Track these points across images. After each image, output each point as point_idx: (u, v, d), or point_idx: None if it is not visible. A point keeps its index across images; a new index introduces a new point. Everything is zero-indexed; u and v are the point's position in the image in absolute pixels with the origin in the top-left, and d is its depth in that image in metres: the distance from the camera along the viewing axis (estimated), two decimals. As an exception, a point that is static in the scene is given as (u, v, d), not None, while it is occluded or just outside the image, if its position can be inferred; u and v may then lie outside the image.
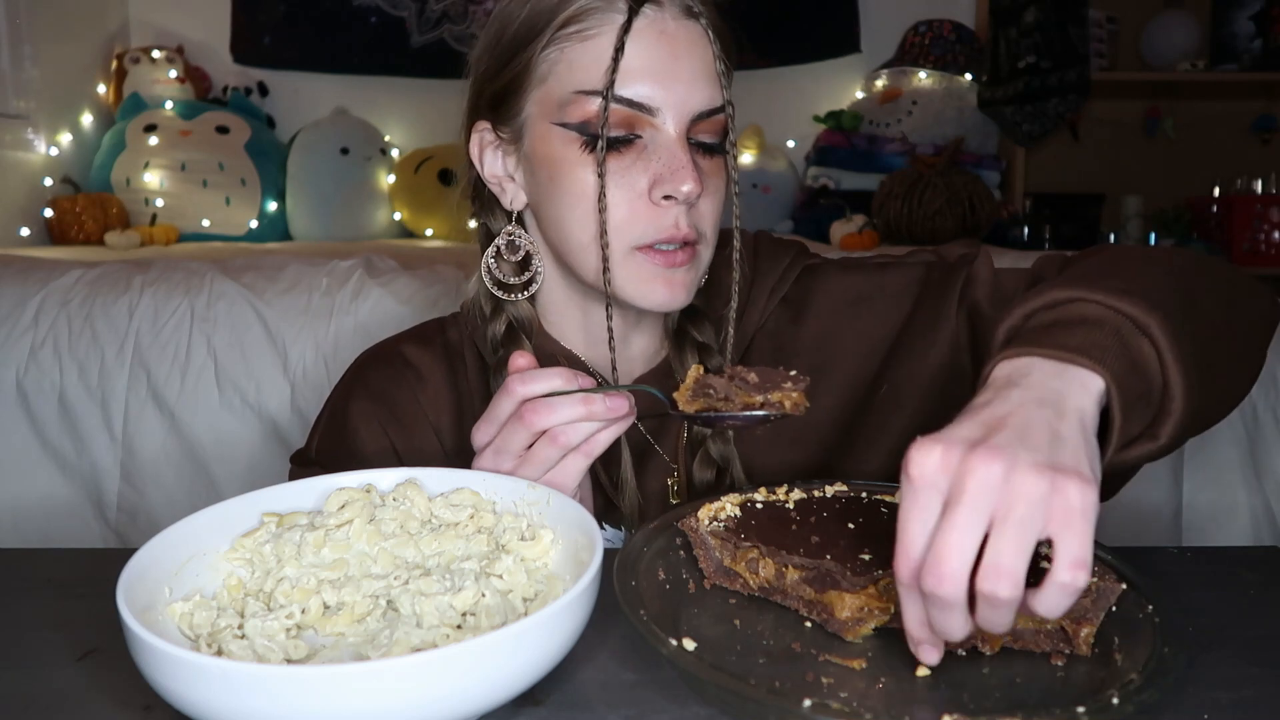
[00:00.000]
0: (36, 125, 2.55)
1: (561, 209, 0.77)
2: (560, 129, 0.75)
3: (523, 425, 0.64)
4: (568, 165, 0.75)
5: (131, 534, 1.34)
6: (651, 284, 0.76)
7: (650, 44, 0.73)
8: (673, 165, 0.73)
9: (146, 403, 1.34)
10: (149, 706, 0.49)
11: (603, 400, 0.63)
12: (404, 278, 1.42)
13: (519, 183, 0.82)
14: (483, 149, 0.84)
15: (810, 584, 0.54)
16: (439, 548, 0.58)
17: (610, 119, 0.73)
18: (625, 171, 0.74)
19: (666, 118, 0.74)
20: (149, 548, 0.53)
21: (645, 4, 0.73)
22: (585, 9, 0.74)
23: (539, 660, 0.46)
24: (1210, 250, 2.81)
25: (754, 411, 0.62)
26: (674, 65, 0.74)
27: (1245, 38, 2.87)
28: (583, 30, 0.74)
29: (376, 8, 2.94)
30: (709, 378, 0.64)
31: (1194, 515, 1.29)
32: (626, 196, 0.74)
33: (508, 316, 0.83)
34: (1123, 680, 0.46)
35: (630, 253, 0.75)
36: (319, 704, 0.41)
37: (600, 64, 0.73)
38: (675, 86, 0.74)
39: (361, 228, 2.71)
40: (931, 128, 2.71)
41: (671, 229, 0.74)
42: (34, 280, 1.40)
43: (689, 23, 0.75)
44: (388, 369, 0.87)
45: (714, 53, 0.75)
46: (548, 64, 0.76)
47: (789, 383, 0.63)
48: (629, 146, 0.74)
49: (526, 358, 0.67)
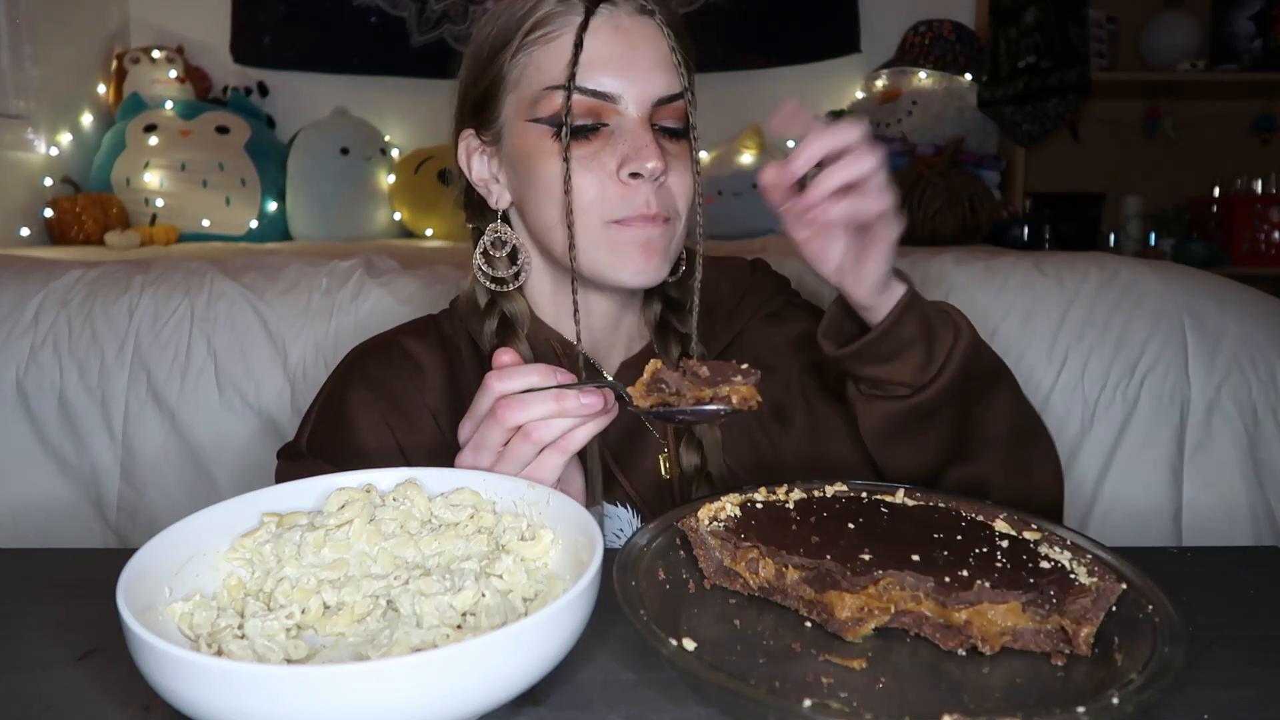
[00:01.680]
0: (36, 125, 2.56)
1: (539, 197, 0.82)
2: (533, 124, 0.81)
3: (497, 421, 0.65)
4: (541, 156, 0.81)
5: (131, 534, 1.34)
6: (627, 254, 0.81)
7: (607, 38, 0.80)
8: (636, 145, 0.79)
9: (146, 403, 1.34)
10: (149, 706, 0.49)
11: (576, 397, 0.65)
12: (404, 278, 1.42)
13: (503, 183, 0.88)
14: (469, 155, 0.89)
15: (810, 584, 0.54)
16: (439, 548, 0.58)
17: (577, 109, 0.79)
18: (595, 156, 0.80)
19: (628, 103, 0.80)
20: (149, 548, 0.53)
21: (601, 4, 0.80)
22: (548, 14, 0.81)
23: (539, 660, 0.46)
24: (1210, 250, 2.81)
25: (704, 406, 0.63)
26: (632, 55, 0.80)
27: (1245, 38, 2.87)
28: (547, 34, 0.81)
29: (376, 8, 2.94)
30: (663, 372, 0.66)
31: (1194, 515, 1.29)
32: (598, 178, 0.80)
33: (501, 310, 0.87)
34: (1123, 680, 0.46)
35: (605, 227, 0.80)
36: (319, 704, 0.41)
37: (564, 61, 0.79)
38: (634, 75, 0.80)
39: (361, 228, 2.71)
40: (931, 128, 2.71)
41: (642, 207, 0.79)
42: (34, 280, 1.40)
43: (643, 19, 0.81)
44: (386, 360, 0.89)
45: (669, 45, 0.81)
46: (519, 68, 0.82)
47: (739, 376, 0.63)
48: (596, 134, 0.80)
49: (510, 354, 0.69)
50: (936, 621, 0.52)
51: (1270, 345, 1.32)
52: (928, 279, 1.39)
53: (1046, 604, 0.51)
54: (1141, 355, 1.31)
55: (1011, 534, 0.58)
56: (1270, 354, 1.31)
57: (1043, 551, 0.56)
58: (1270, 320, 1.35)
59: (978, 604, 0.51)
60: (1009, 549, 0.56)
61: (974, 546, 0.56)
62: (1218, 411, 1.30)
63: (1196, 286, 1.37)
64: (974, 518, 0.61)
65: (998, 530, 0.59)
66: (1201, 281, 1.38)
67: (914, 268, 1.41)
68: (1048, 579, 0.52)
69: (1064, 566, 0.54)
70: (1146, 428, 1.30)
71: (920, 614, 0.53)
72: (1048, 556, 0.55)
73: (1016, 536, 0.58)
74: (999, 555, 0.55)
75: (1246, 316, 1.34)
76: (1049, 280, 1.37)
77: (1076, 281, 1.37)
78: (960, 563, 0.54)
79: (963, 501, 0.63)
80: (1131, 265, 1.40)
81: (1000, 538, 0.57)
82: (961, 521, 0.60)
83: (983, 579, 0.52)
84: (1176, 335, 1.31)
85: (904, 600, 0.53)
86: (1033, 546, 0.56)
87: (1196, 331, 1.32)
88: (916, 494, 0.64)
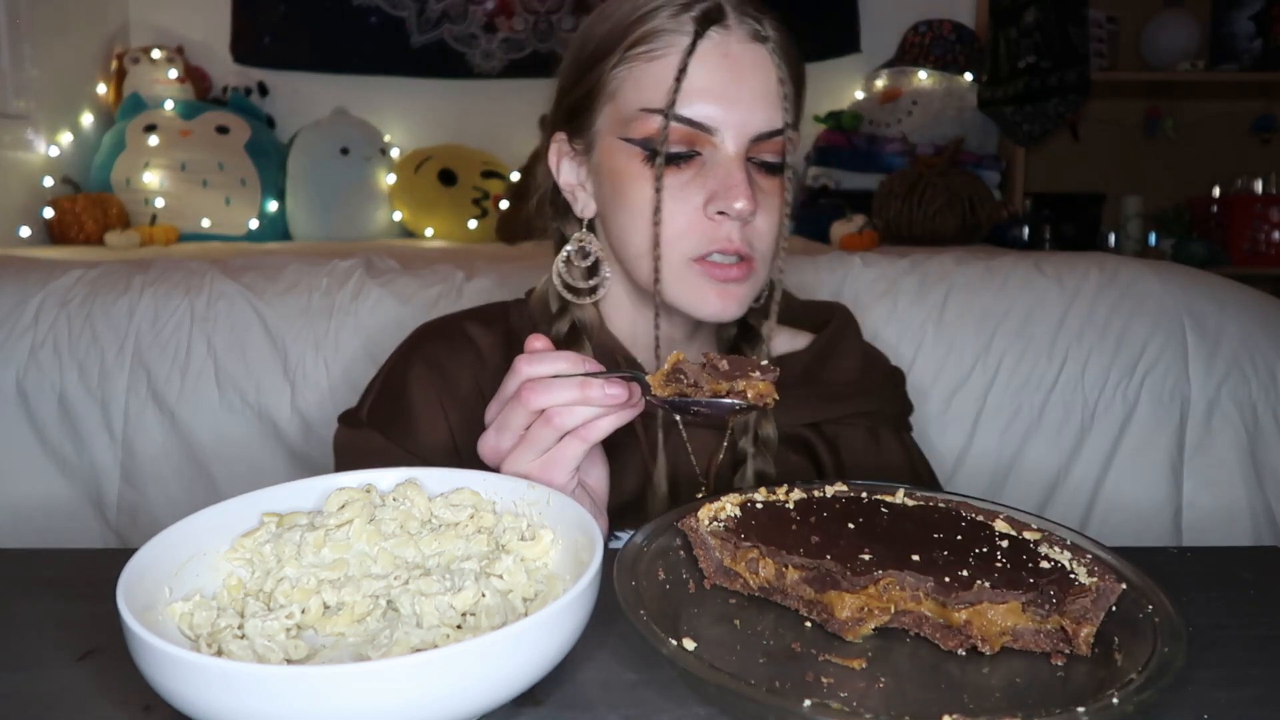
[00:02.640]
0: (36, 125, 2.56)
1: (623, 219, 0.81)
2: (625, 143, 0.79)
3: (521, 404, 0.65)
4: (630, 178, 0.79)
5: (131, 534, 1.34)
6: (704, 294, 0.79)
7: (714, 66, 0.76)
8: (728, 183, 0.76)
9: (146, 403, 1.34)
10: (149, 706, 0.49)
11: (600, 386, 0.64)
12: (404, 278, 1.42)
13: (589, 192, 0.86)
14: (559, 158, 0.87)
15: (810, 584, 0.54)
16: (439, 548, 0.58)
17: (672, 136, 0.76)
18: (684, 186, 0.77)
19: (725, 137, 0.77)
20: (149, 548, 0.53)
21: (712, 27, 0.76)
22: (655, 30, 0.77)
23: (539, 660, 0.46)
24: (1210, 250, 2.81)
25: (721, 399, 0.63)
26: (736, 88, 0.76)
27: (1245, 38, 2.87)
28: (651, 50, 0.77)
29: (376, 8, 2.94)
30: (684, 363, 0.65)
31: (1194, 515, 1.29)
32: (684, 210, 0.77)
33: (572, 318, 0.87)
34: (1123, 680, 0.46)
35: (687, 264, 0.79)
36: (319, 704, 0.41)
37: (665, 83, 0.76)
38: (735, 108, 0.76)
39: (361, 228, 2.71)
40: (931, 128, 2.71)
41: (725, 241, 0.77)
42: (34, 280, 1.40)
43: (754, 45, 0.78)
44: (448, 343, 0.89)
45: (778, 76, 0.77)
46: (617, 81, 0.79)
47: (757, 372, 0.63)
48: (689, 163, 0.77)
49: (543, 340, 0.68)
50: (936, 621, 0.52)
51: (1270, 345, 1.32)
52: (928, 279, 1.39)
53: (1046, 604, 0.51)
54: (1141, 355, 1.31)
55: (1011, 534, 0.58)
56: (1270, 354, 1.31)
57: (1043, 551, 0.56)
58: (1270, 320, 1.35)
59: (978, 604, 0.51)
60: (1009, 549, 0.56)
61: (974, 546, 0.56)
62: (1218, 411, 1.30)
63: (1196, 286, 1.37)
64: (974, 518, 0.61)
65: (998, 530, 0.59)
66: (1201, 281, 1.39)
67: (914, 268, 1.42)
68: (1048, 579, 0.52)
69: (1064, 566, 0.54)
70: (1146, 428, 1.30)
71: (920, 614, 0.53)
72: (1048, 556, 0.55)
73: (1016, 536, 0.58)
74: (999, 555, 0.55)
75: (1246, 316, 1.34)
76: (1049, 280, 1.37)
77: (1076, 281, 1.37)
78: (960, 563, 0.54)
79: (963, 501, 0.63)
80: (1131, 265, 1.40)
81: (1000, 538, 0.57)
82: (961, 521, 0.60)
83: (983, 579, 0.52)
84: (1176, 335, 1.32)
85: (904, 600, 0.53)
86: (1033, 546, 0.56)
87: (1196, 331, 1.32)
88: (916, 494, 0.64)
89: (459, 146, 2.81)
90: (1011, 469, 1.33)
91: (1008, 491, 1.32)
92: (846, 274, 1.40)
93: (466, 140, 2.84)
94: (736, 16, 0.78)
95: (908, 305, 1.36)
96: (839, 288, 1.39)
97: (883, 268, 1.42)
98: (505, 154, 2.76)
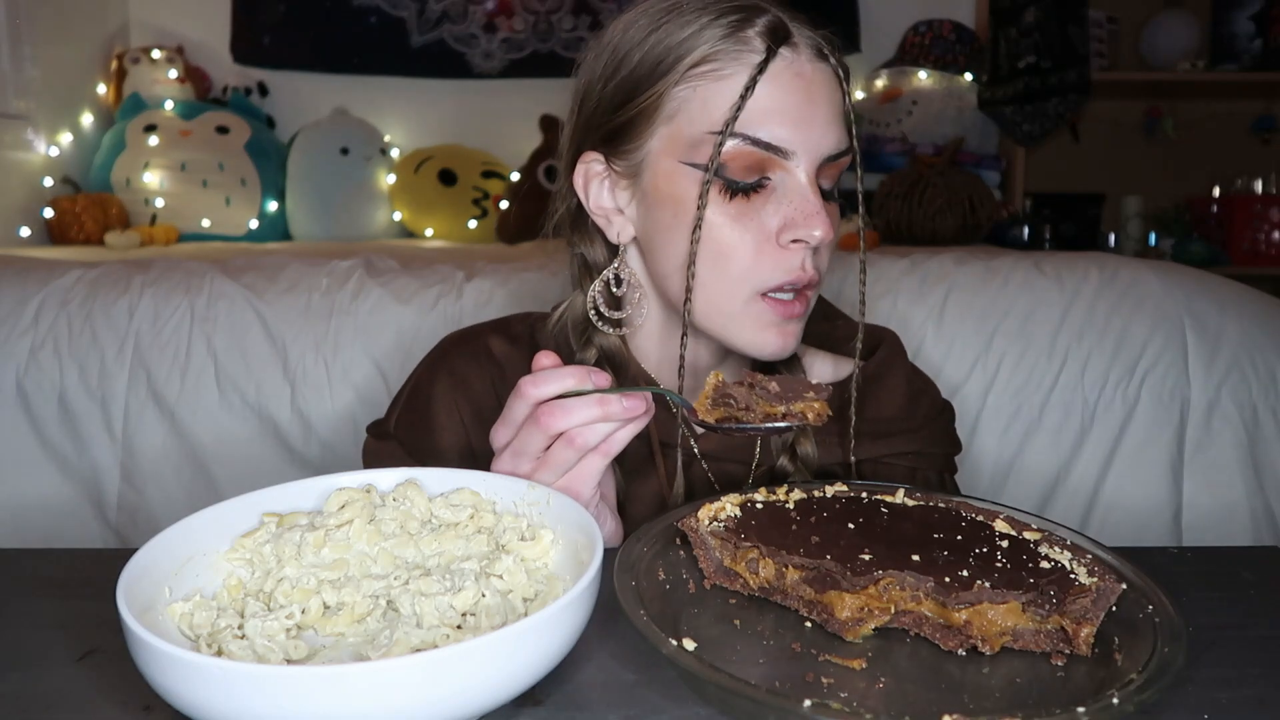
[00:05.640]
0: (36, 125, 2.55)
1: (684, 247, 0.75)
2: (689, 168, 0.74)
3: (539, 428, 0.63)
4: (693, 204, 0.74)
5: (131, 534, 1.34)
6: (766, 333, 0.76)
7: (787, 85, 0.72)
8: (805, 210, 0.73)
9: (146, 403, 1.34)
10: (149, 706, 0.49)
11: (619, 400, 0.63)
12: (404, 278, 1.42)
13: (628, 216, 0.81)
14: (589, 180, 0.81)
15: (810, 584, 0.54)
16: (439, 548, 0.58)
17: (742, 160, 0.72)
18: (755, 214, 0.74)
19: (799, 160, 0.73)
20: (149, 548, 0.53)
21: (783, 46, 0.73)
22: (721, 49, 0.73)
23: (539, 660, 0.46)
24: (1210, 250, 2.81)
25: (776, 423, 0.62)
26: (810, 108, 0.73)
27: (1245, 38, 2.87)
28: (718, 70, 0.73)
29: (376, 8, 2.94)
30: (729, 386, 0.63)
31: (1194, 515, 1.29)
32: (755, 239, 0.74)
33: (597, 347, 0.83)
34: (1123, 680, 0.46)
35: (753, 298, 0.75)
36: (319, 704, 0.41)
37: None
38: (810, 130, 0.73)
39: (361, 228, 2.71)
40: (931, 128, 2.71)
41: (798, 271, 0.74)
42: (34, 280, 1.40)
43: (821, 64, 0.75)
44: (471, 356, 0.88)
45: (844, 93, 0.75)
46: (677, 102, 0.74)
47: (811, 392, 0.62)
48: (759, 190, 0.73)
49: (551, 357, 0.66)
50: (936, 621, 0.52)
51: (1270, 345, 1.32)
52: (928, 279, 1.39)
53: (1046, 604, 0.51)
54: (1141, 355, 1.31)
55: (1011, 534, 0.58)
56: (1270, 354, 1.31)
57: (1043, 551, 0.56)
58: (1270, 320, 1.35)
59: (978, 604, 0.51)
60: (1009, 549, 0.56)
61: (974, 546, 0.56)
62: (1218, 411, 1.30)
63: (1196, 286, 1.37)
64: (974, 518, 0.61)
65: (998, 530, 0.59)
66: (1201, 281, 1.39)
67: (914, 267, 1.42)
68: (1048, 579, 0.52)
69: (1064, 566, 0.54)
70: (1146, 428, 1.30)
71: (920, 614, 0.53)
72: (1048, 556, 0.55)
73: (1016, 536, 0.58)
74: (999, 555, 0.55)
75: (1246, 316, 1.34)
76: (1049, 280, 1.38)
77: (1076, 281, 1.37)
78: (960, 563, 0.54)
79: (963, 502, 0.63)
80: (1131, 265, 1.40)
81: (1000, 538, 0.57)
82: (961, 521, 0.60)
83: (983, 579, 0.52)
84: (1176, 335, 1.32)
85: (904, 600, 0.53)
86: (1033, 546, 0.56)
87: (1196, 331, 1.32)
88: (916, 494, 0.64)
89: (459, 146, 2.81)
90: (1011, 469, 1.33)
91: (1008, 491, 1.32)
92: (847, 274, 1.40)
93: (466, 140, 2.84)
94: (801, 34, 0.75)
95: (908, 305, 1.37)
96: (839, 288, 1.39)
97: (883, 267, 1.42)
98: (505, 154, 2.76)
